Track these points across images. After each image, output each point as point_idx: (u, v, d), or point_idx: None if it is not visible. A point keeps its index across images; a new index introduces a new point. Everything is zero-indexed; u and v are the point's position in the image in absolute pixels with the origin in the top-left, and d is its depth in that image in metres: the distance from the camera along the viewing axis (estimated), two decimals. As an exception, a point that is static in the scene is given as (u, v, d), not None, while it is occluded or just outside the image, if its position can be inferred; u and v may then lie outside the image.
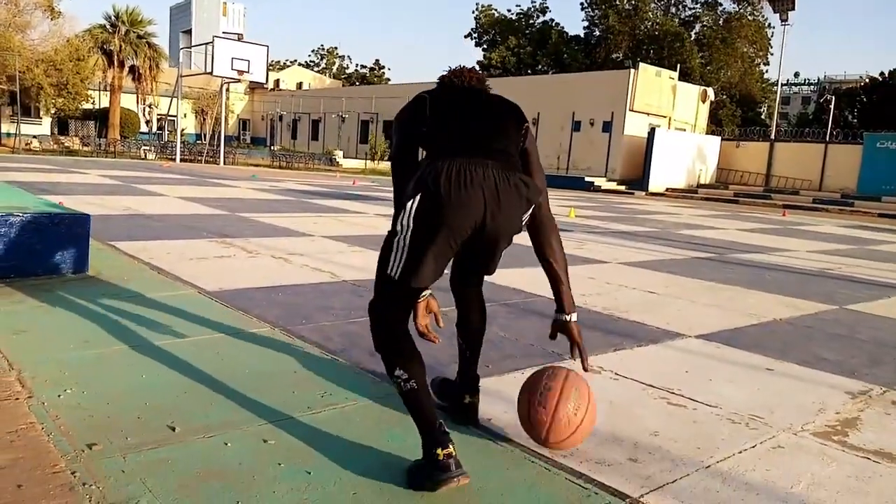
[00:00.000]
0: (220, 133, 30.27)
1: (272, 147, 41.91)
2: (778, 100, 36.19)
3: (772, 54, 47.01)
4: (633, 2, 46.11)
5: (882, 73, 44.33)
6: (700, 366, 3.43)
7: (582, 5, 48.82)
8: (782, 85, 42.51)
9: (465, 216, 1.87)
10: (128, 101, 38.01)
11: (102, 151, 30.94)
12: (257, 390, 2.62)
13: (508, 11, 52.58)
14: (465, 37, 54.68)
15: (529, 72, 48.16)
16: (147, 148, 31.63)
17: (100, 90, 38.13)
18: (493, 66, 49.87)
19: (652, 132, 29.06)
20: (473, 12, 53.33)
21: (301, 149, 41.44)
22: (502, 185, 1.91)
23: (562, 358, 3.34)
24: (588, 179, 29.02)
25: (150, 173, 17.67)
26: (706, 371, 3.34)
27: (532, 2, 52.82)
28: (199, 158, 30.95)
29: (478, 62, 52.81)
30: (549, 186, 2.24)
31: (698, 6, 47.74)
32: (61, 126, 37.14)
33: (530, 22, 51.46)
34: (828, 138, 30.32)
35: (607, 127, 30.89)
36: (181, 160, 29.08)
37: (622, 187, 29.05)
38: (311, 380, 2.79)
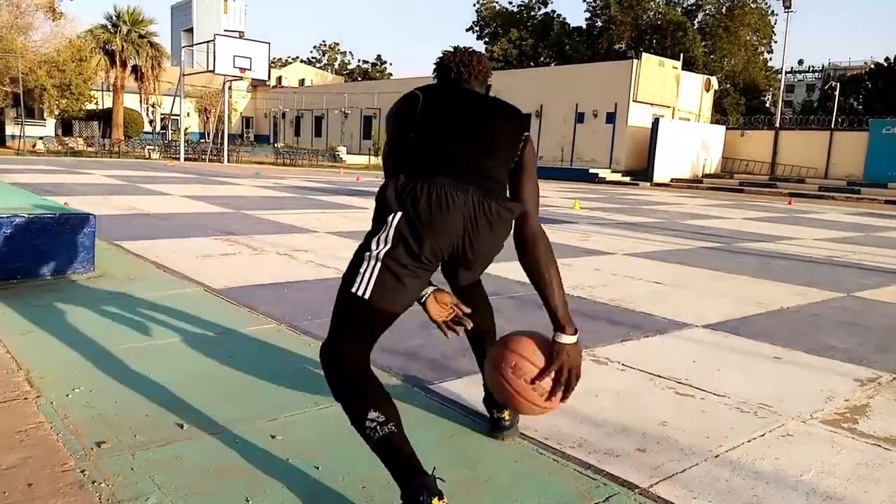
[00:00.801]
0: (223, 131, 30.32)
1: (275, 144, 41.95)
2: (782, 88, 36.02)
3: (775, 42, 46.69)
4: (635, -9, 45.88)
5: (887, 59, 44.00)
6: (707, 355, 3.42)
7: (583, -4, 48.73)
8: (786, 73, 42.29)
9: (445, 241, 1.77)
10: (131, 100, 38.07)
11: (106, 152, 31.02)
12: (265, 387, 2.62)
13: (510, 3, 52.20)
14: (467, 30, 54.45)
15: (532, 64, 48.00)
16: (151, 147, 31.71)
17: (103, 90, 38.19)
18: (496, 59, 49.68)
19: (656, 122, 28.95)
20: (475, 5, 53.13)
21: (304, 145, 41.45)
22: (481, 211, 1.78)
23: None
24: (592, 171, 28.95)
25: (154, 173, 17.71)
26: (714, 360, 3.33)
27: (533, -7, 52.62)
28: (202, 157, 31.00)
29: (480, 55, 52.59)
30: (553, 179, 2.25)
31: (701, -5, 47.48)
32: (65, 127, 37.23)
33: (532, 14, 51.22)
34: (833, 125, 30.13)
35: (611, 118, 30.78)
36: (185, 159, 29.14)
37: (627, 178, 28.96)
38: (319, 376, 2.78)
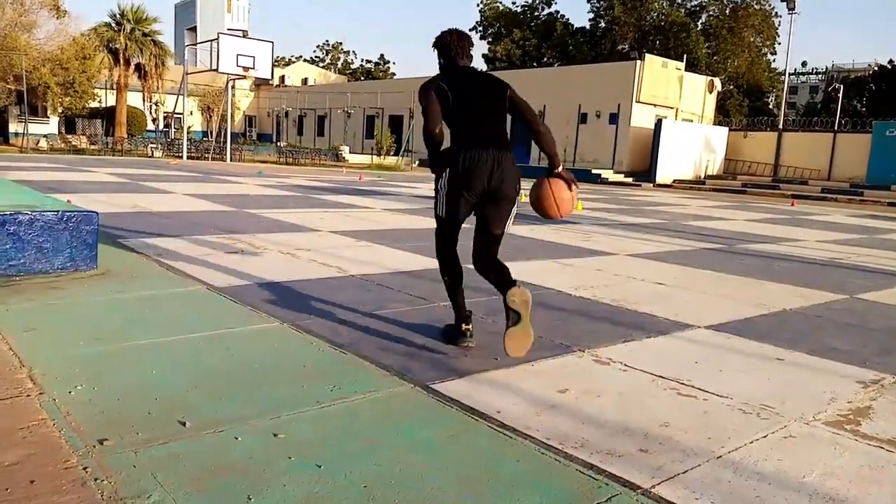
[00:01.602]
0: (226, 130, 30.32)
1: (278, 143, 41.94)
2: (786, 89, 35.88)
3: (779, 43, 46.52)
4: (639, -8, 45.79)
5: (891, 61, 43.91)
6: (710, 356, 3.42)
7: (587, -3, 48.59)
8: (790, 74, 42.19)
9: (477, 181, 3.09)
10: (134, 99, 38.09)
11: (110, 150, 31.05)
12: (267, 385, 2.62)
13: (513, 4, 52.14)
14: (471, 30, 54.33)
15: (535, 64, 47.95)
16: (154, 146, 31.72)
17: (106, 88, 38.23)
18: (499, 59, 49.67)
19: (659, 123, 28.91)
20: (478, 5, 53.09)
21: (307, 145, 41.46)
22: (499, 160, 3.10)
23: (570, 350, 3.34)
24: (595, 172, 28.90)
25: (157, 171, 17.73)
26: (716, 361, 3.32)
27: (537, -6, 52.56)
28: (205, 155, 31.00)
29: (483, 55, 52.62)
30: None
31: (705, -4, 47.38)
32: (68, 125, 37.28)
33: (535, 14, 51.16)
34: (836, 127, 30.05)
35: (614, 119, 30.74)
36: (188, 157, 29.15)
37: (629, 179, 28.92)
38: (320, 374, 2.79)
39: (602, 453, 2.19)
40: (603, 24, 48.10)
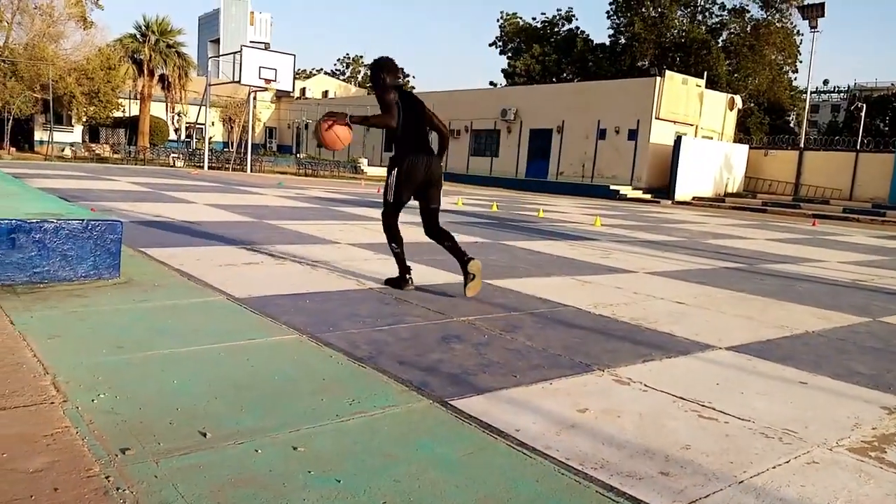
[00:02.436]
0: (247, 141, 30.64)
1: (298, 155, 42.29)
2: (807, 107, 35.67)
3: (800, 62, 46.27)
4: (660, 9, 45.79)
5: (915, 81, 43.47)
6: (731, 378, 3.38)
7: (608, 13, 48.61)
8: (811, 92, 41.91)
9: (418, 174, 4.64)
10: (157, 109, 38.66)
11: (132, 159, 31.49)
12: (286, 397, 2.63)
13: (533, 20, 52.27)
14: (490, 45, 54.65)
15: (554, 80, 48.03)
16: (176, 155, 32.13)
17: (130, 98, 38.84)
18: (518, 75, 49.81)
19: (678, 140, 28.80)
20: (498, 20, 53.33)
21: (326, 157, 41.76)
22: (430, 160, 4.67)
23: (589, 369, 3.32)
24: (613, 188, 28.84)
25: (178, 180, 17.93)
26: (738, 384, 3.29)
27: (557, 10, 52.76)
28: (226, 166, 31.34)
29: (502, 70, 52.84)
30: (573, 194, 2.41)
31: (725, 13, 47.23)
32: (92, 134, 37.87)
33: (555, 30, 51.29)
34: (858, 147, 29.78)
35: (633, 135, 30.67)
36: (209, 168, 29.47)
37: (648, 196, 28.81)
38: (340, 387, 2.80)
39: (622, 475, 2.17)
40: (623, 41, 48.12)
